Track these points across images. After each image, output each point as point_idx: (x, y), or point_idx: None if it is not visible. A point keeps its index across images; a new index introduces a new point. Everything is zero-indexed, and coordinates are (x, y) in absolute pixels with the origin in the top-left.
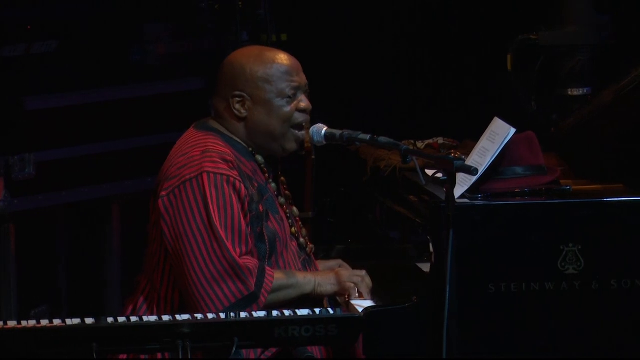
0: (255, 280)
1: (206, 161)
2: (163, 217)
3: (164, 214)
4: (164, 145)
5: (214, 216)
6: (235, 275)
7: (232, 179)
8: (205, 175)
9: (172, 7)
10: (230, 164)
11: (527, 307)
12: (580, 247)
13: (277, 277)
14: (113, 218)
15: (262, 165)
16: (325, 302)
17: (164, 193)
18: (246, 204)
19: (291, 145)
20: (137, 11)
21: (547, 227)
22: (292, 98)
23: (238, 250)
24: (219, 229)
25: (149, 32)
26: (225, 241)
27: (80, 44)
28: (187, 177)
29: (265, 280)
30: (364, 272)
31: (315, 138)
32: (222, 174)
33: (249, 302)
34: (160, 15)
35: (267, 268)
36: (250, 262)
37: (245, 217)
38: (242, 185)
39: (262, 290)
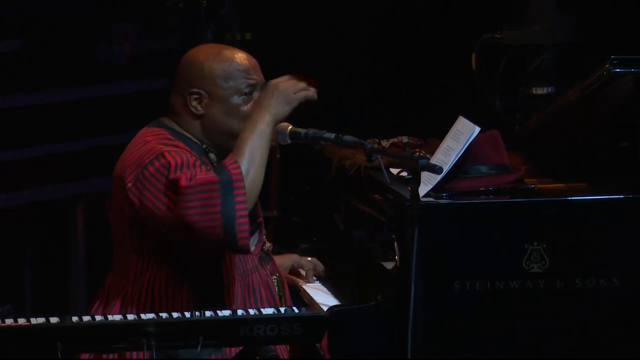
0: (214, 173)
1: (162, 145)
2: (135, 204)
3: (135, 200)
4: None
5: (171, 172)
6: (200, 191)
7: (193, 157)
8: (166, 154)
9: (137, 7)
10: (186, 152)
11: (491, 306)
12: (544, 246)
13: (235, 153)
14: (77, 217)
15: (215, 164)
16: (289, 301)
17: (130, 185)
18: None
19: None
20: (103, 10)
21: (512, 226)
22: (248, 96)
23: (186, 182)
24: (175, 174)
25: (115, 31)
26: (180, 180)
27: (45, 43)
28: (147, 161)
29: (225, 163)
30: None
31: (279, 137)
32: (182, 151)
33: (229, 185)
34: (126, 15)
35: (226, 159)
36: (201, 173)
37: None
38: (199, 161)
39: (229, 169)
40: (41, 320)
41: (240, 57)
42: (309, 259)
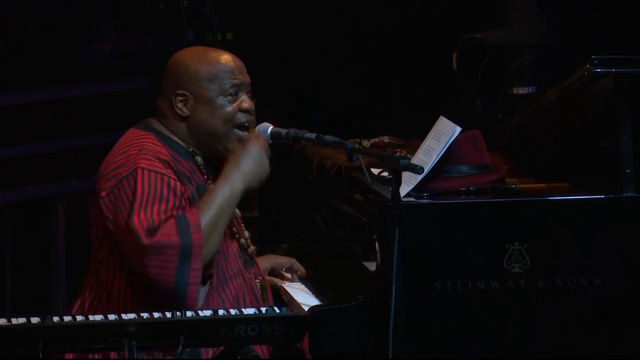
0: (177, 233)
1: (141, 158)
2: (108, 217)
3: (108, 214)
4: (109, 144)
5: (135, 211)
6: (158, 252)
7: (166, 177)
8: (139, 171)
9: (118, 6)
10: (166, 164)
11: (472, 306)
12: (525, 246)
13: (201, 212)
14: (59, 217)
15: (201, 167)
16: (270, 299)
17: (104, 194)
18: (184, 200)
19: (233, 146)
20: (84, 10)
21: (493, 226)
22: (234, 96)
23: (148, 239)
24: (136, 222)
25: (96, 31)
26: (139, 230)
27: (25, 42)
28: (123, 174)
29: (190, 223)
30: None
31: (261, 137)
32: (156, 172)
33: (188, 252)
34: (106, 14)
35: (188, 212)
36: (164, 230)
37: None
38: (178, 183)
39: (192, 233)
40: (22, 320)
41: (226, 58)
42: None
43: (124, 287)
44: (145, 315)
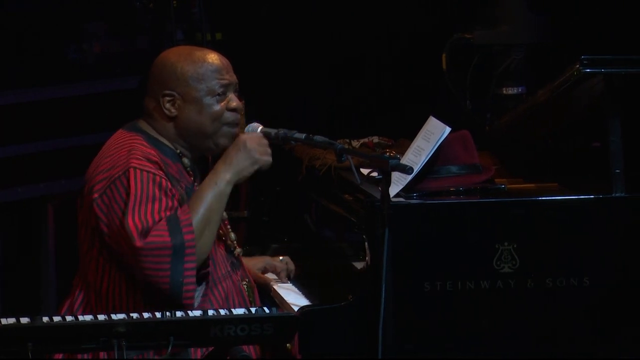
0: (168, 233)
1: (132, 158)
2: (101, 219)
3: (101, 216)
4: (99, 144)
5: (129, 213)
6: (152, 254)
7: (158, 177)
8: (131, 171)
9: (108, 6)
10: (156, 165)
11: (462, 306)
12: (515, 246)
13: (192, 210)
14: (48, 217)
15: (188, 169)
16: (257, 300)
17: (96, 196)
18: (175, 201)
19: (224, 141)
20: (74, 10)
21: (482, 226)
22: (221, 96)
23: (141, 241)
24: (130, 224)
25: (85, 30)
26: (133, 233)
27: (15, 42)
28: (116, 175)
29: (181, 223)
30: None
31: None
32: (148, 172)
33: (181, 252)
34: (96, 14)
35: (179, 211)
36: (156, 231)
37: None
38: (169, 183)
39: (183, 232)
40: (12, 320)
41: (212, 57)
42: (281, 258)
43: (113, 287)
44: (134, 315)
